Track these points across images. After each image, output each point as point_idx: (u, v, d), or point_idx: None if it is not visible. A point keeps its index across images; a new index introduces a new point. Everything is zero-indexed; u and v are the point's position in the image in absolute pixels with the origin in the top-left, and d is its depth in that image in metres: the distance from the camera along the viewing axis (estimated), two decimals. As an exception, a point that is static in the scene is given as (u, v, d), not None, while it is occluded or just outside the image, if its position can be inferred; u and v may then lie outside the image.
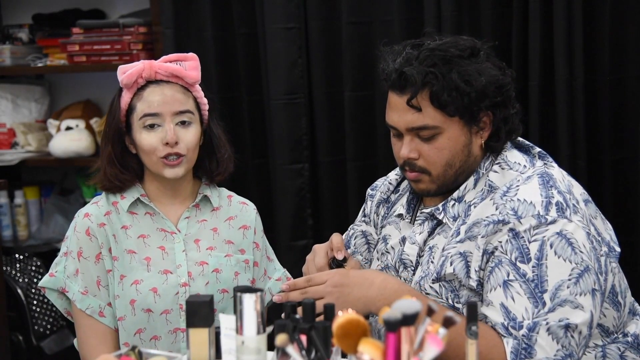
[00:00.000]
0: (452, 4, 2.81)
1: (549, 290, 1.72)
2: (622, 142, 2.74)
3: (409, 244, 1.95)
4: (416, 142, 1.86)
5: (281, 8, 3.03)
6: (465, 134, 1.86)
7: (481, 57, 1.86)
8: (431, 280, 1.86)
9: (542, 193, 1.78)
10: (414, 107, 1.83)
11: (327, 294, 1.80)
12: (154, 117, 2.02)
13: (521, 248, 1.75)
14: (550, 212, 1.76)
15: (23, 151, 3.60)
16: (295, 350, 1.39)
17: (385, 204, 2.11)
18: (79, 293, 2.04)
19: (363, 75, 3.01)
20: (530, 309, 1.72)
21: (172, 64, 2.05)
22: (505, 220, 1.77)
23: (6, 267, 3.37)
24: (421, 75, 1.81)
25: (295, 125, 3.08)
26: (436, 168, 1.86)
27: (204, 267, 2.09)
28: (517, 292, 1.73)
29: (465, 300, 1.82)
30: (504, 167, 1.88)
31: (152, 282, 2.05)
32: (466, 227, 1.84)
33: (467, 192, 1.89)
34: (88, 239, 2.05)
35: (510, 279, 1.74)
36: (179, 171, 2.05)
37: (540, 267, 1.73)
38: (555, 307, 1.71)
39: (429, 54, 1.83)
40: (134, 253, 2.06)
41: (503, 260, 1.76)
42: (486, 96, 1.83)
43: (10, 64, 3.57)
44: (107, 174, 2.08)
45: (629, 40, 2.70)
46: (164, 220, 2.10)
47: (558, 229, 1.75)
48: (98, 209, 2.09)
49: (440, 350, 1.31)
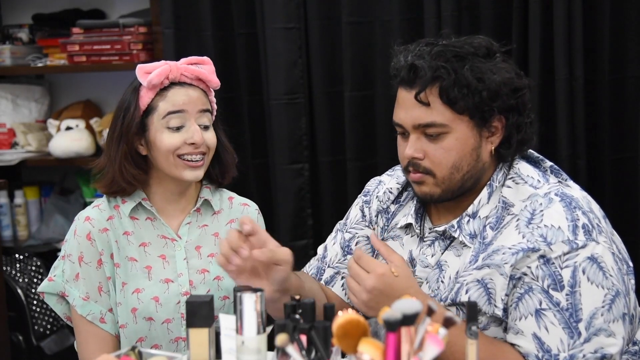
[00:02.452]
0: (452, 4, 2.80)
1: (584, 319, 1.67)
2: (622, 142, 2.74)
3: (421, 268, 1.87)
4: (422, 141, 1.78)
5: (281, 8, 3.03)
6: (475, 137, 1.78)
7: (497, 58, 1.79)
8: (447, 305, 1.79)
9: (568, 217, 1.72)
10: (422, 102, 1.75)
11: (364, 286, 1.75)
12: (178, 115, 1.99)
13: (553, 275, 1.69)
14: (578, 237, 1.70)
15: (23, 151, 3.60)
16: (295, 350, 1.39)
17: (384, 215, 2.00)
18: (80, 299, 2.02)
19: (363, 75, 3.01)
20: (565, 340, 1.67)
21: (194, 67, 2.03)
22: (536, 247, 1.70)
23: (6, 267, 3.37)
24: (432, 70, 1.74)
25: (295, 125, 3.08)
26: (441, 170, 1.78)
27: (206, 275, 2.07)
28: (552, 322, 1.68)
29: (484, 327, 1.76)
30: (518, 182, 1.80)
31: (153, 291, 2.03)
32: (485, 254, 1.76)
33: (481, 207, 1.81)
34: (89, 243, 2.02)
35: (543, 308, 1.68)
36: (199, 173, 2.02)
37: (574, 295, 1.68)
38: (591, 337, 1.67)
39: (442, 49, 1.76)
40: (135, 261, 2.04)
41: (534, 287, 1.70)
42: (499, 97, 1.75)
43: (10, 64, 3.57)
44: (124, 174, 2.01)
45: (629, 40, 2.70)
46: (165, 227, 2.07)
47: (589, 254, 1.69)
48: (100, 213, 2.06)
49: (441, 350, 1.31)
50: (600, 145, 2.75)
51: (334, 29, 3.03)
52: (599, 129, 2.75)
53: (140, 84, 2.01)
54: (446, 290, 1.81)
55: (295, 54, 3.06)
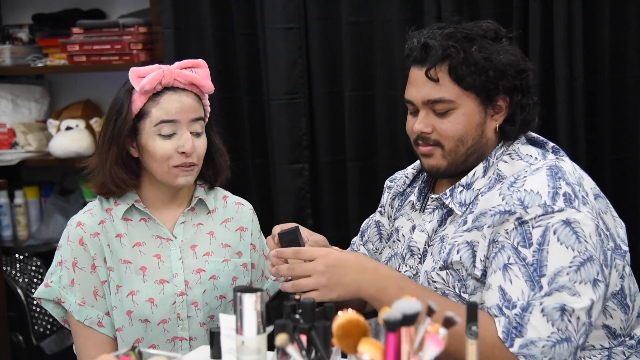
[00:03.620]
0: (452, 4, 2.81)
1: (547, 274, 1.71)
2: (622, 142, 2.74)
3: (418, 232, 1.96)
4: (431, 117, 1.89)
5: (281, 8, 3.03)
6: (480, 113, 1.88)
7: (504, 41, 1.91)
8: (438, 268, 1.86)
9: (550, 184, 1.78)
10: (432, 79, 1.86)
11: (318, 273, 1.78)
12: (171, 124, 1.99)
13: (524, 234, 1.75)
14: (557, 202, 1.76)
15: (23, 151, 3.60)
16: (295, 350, 1.39)
17: (400, 197, 2.12)
18: (76, 304, 2.02)
19: (363, 75, 3.01)
20: (526, 291, 1.71)
21: (188, 72, 2.02)
22: (512, 210, 1.77)
23: (6, 267, 3.38)
24: (442, 48, 1.85)
25: (295, 125, 3.08)
26: (449, 142, 1.88)
27: (201, 275, 2.07)
28: (515, 275, 1.73)
29: (472, 291, 1.82)
30: (514, 158, 1.89)
31: (148, 293, 2.02)
32: (473, 216, 1.84)
33: (475, 180, 1.90)
34: (82, 248, 2.02)
35: (510, 262, 1.74)
36: (191, 179, 2.03)
37: (540, 252, 1.73)
38: (552, 292, 1.71)
39: (452, 31, 1.88)
40: (129, 263, 2.03)
41: (505, 245, 1.76)
42: (505, 76, 1.86)
43: (10, 64, 3.58)
44: (114, 177, 2.01)
45: (629, 40, 2.70)
46: (159, 227, 2.07)
47: (564, 217, 1.74)
48: (91, 218, 2.05)
49: (441, 350, 1.31)
50: (600, 145, 2.75)
51: (334, 29, 3.03)
52: (599, 129, 2.75)
53: (132, 86, 2.00)
54: (442, 256, 1.87)
55: (295, 54, 3.06)
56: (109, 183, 2.03)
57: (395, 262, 2.02)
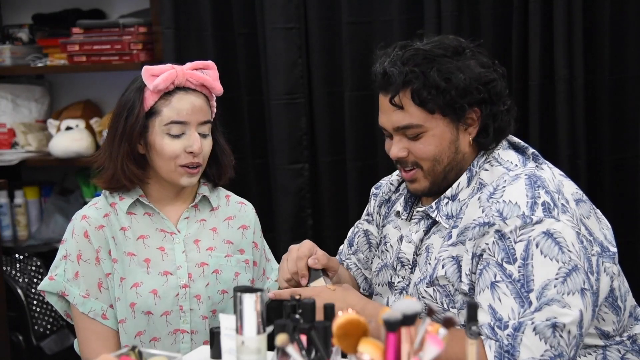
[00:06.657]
0: (452, 4, 2.81)
1: (535, 289, 1.71)
2: (622, 142, 2.74)
3: (406, 243, 1.97)
4: (404, 141, 1.90)
5: (281, 8, 3.03)
6: (452, 131, 1.88)
7: (466, 55, 1.88)
8: (425, 284, 1.87)
9: (528, 194, 1.78)
10: (396, 106, 1.87)
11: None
12: (180, 125, 2.01)
13: (507, 249, 1.75)
14: (536, 212, 1.76)
15: (23, 151, 3.60)
16: (295, 350, 1.39)
17: (386, 204, 2.13)
18: (80, 297, 2.04)
19: (363, 75, 3.00)
20: (516, 308, 1.71)
21: (199, 73, 2.04)
22: (491, 222, 1.77)
23: (6, 267, 3.38)
24: (402, 75, 1.85)
25: (295, 125, 3.08)
26: (425, 162, 1.89)
27: (204, 268, 2.09)
28: (504, 293, 1.73)
29: (461, 306, 1.82)
30: (494, 164, 1.89)
31: (152, 284, 2.04)
32: (458, 230, 1.84)
33: (460, 191, 1.90)
34: (87, 241, 2.04)
35: (497, 280, 1.74)
36: (194, 180, 2.07)
37: (526, 267, 1.73)
38: (542, 307, 1.70)
39: (413, 53, 1.87)
40: (133, 255, 2.05)
41: (490, 262, 1.76)
42: (468, 92, 1.85)
43: (10, 64, 3.58)
44: (127, 172, 2.03)
45: (629, 40, 2.70)
46: (164, 220, 2.09)
47: (544, 229, 1.74)
48: (96, 211, 2.08)
49: (440, 350, 1.31)
50: (600, 145, 2.75)
51: (334, 29, 3.03)
52: (599, 129, 2.75)
53: (144, 84, 2.02)
54: (429, 271, 1.88)
55: (295, 54, 3.06)
56: (121, 177, 2.05)
57: (387, 273, 2.03)
